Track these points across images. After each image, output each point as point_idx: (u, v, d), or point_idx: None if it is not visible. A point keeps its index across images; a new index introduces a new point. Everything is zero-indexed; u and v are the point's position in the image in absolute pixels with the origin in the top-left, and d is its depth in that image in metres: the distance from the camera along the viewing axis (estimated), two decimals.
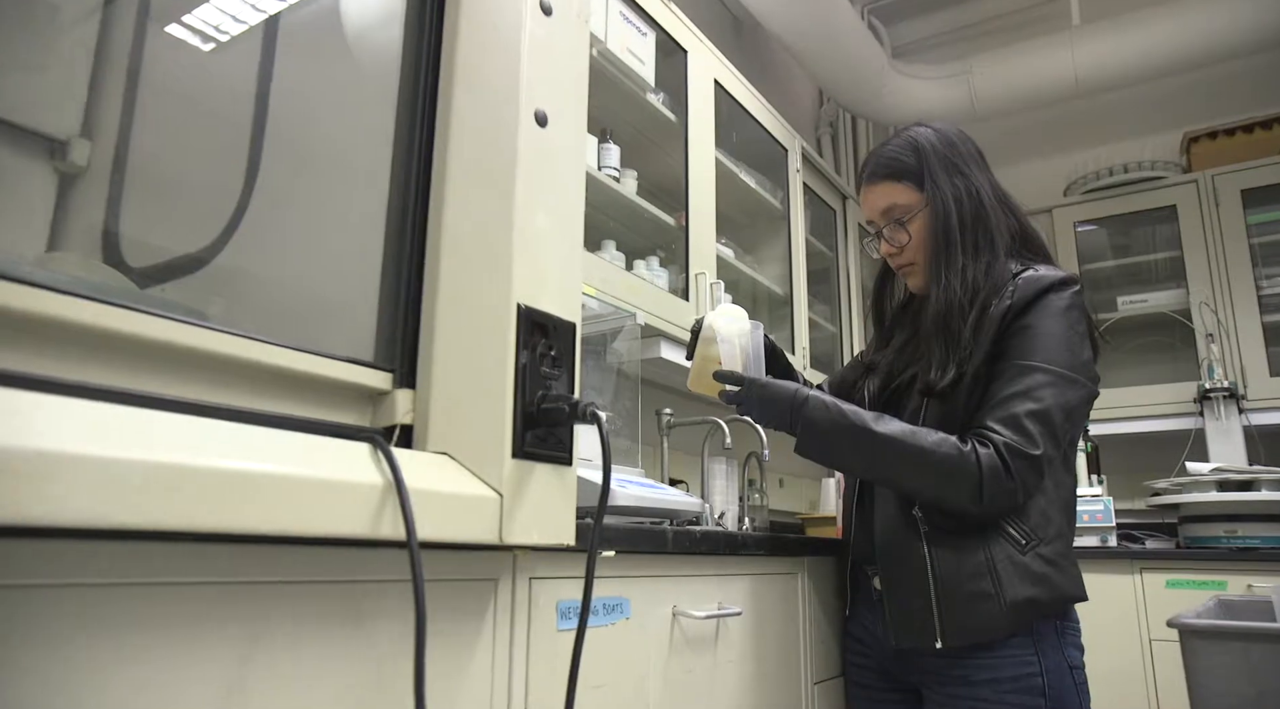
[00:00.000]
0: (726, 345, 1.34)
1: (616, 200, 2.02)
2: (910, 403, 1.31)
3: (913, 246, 1.35)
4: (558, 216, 0.84)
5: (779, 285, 2.73)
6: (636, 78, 2.03)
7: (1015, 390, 1.18)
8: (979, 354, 1.23)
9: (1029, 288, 1.23)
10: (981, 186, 1.34)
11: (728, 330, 1.35)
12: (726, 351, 1.33)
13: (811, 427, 1.21)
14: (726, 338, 1.34)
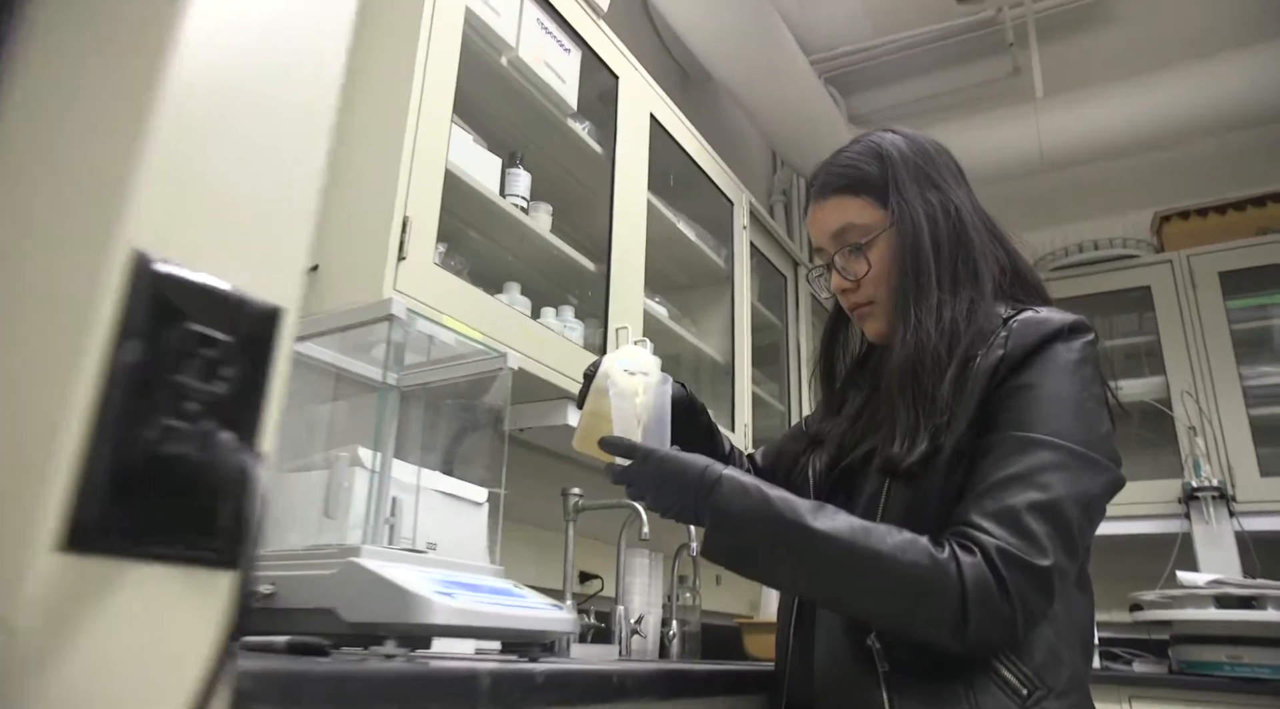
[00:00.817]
0: (620, 401, 0.99)
1: (523, 235, 1.69)
2: (866, 487, 0.96)
3: (873, 279, 1.03)
4: (271, 149, 0.50)
5: (721, 354, 2.40)
6: (555, 97, 1.74)
7: (1012, 473, 0.84)
8: (961, 420, 0.89)
9: (1028, 334, 0.91)
10: (962, 205, 1.03)
11: (624, 382, 1.00)
12: (619, 409, 0.98)
13: (723, 519, 0.86)
14: (622, 390, 0.99)
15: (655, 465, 0.91)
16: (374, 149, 1.37)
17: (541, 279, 1.83)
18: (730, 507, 0.86)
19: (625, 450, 0.94)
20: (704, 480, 0.88)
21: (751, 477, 0.88)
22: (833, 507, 0.86)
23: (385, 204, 1.28)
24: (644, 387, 1.00)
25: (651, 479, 0.91)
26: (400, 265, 1.26)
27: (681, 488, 0.89)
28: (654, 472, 0.91)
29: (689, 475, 0.89)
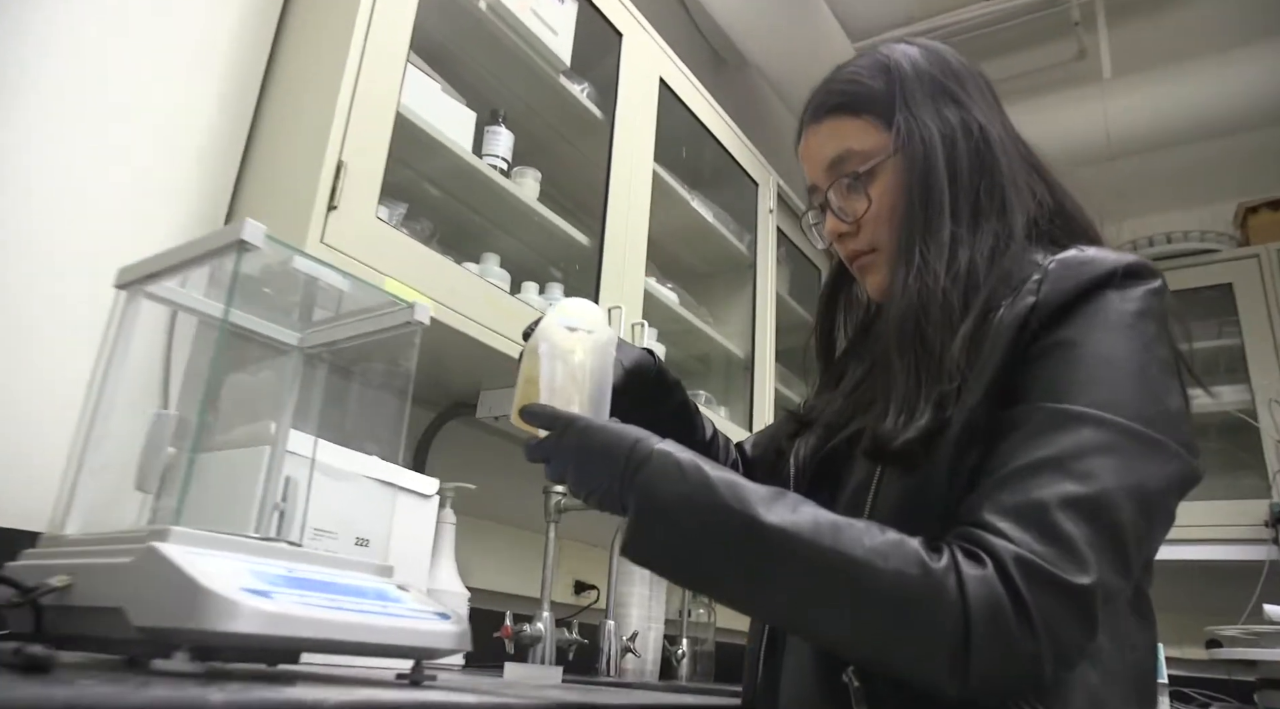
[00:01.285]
0: (552, 362, 0.80)
1: (504, 201, 1.51)
2: (853, 475, 0.75)
3: (874, 219, 0.81)
4: None
5: (741, 348, 2.18)
6: (545, 51, 1.56)
7: (1042, 456, 0.61)
8: (976, 388, 0.67)
9: (1069, 277, 0.68)
10: (989, 124, 0.81)
11: (560, 339, 0.81)
12: (550, 371, 0.79)
13: (650, 507, 0.65)
14: (555, 349, 0.80)
15: (576, 437, 0.71)
16: (311, 84, 1.20)
17: (527, 252, 1.64)
18: (659, 491, 0.65)
19: (545, 419, 0.74)
20: (632, 457, 0.68)
21: (695, 454, 0.67)
22: (797, 496, 0.64)
23: (316, 145, 1.11)
24: (585, 346, 0.81)
25: (571, 454, 0.71)
26: (331, 216, 1.09)
27: (606, 465, 0.69)
28: (574, 444, 0.71)
29: (615, 449, 0.69)
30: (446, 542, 1.44)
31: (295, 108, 1.21)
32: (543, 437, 0.74)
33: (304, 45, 1.25)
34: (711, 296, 2.31)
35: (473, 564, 1.64)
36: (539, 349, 0.81)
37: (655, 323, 1.91)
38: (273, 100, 1.26)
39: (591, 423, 0.72)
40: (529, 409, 0.76)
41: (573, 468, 0.71)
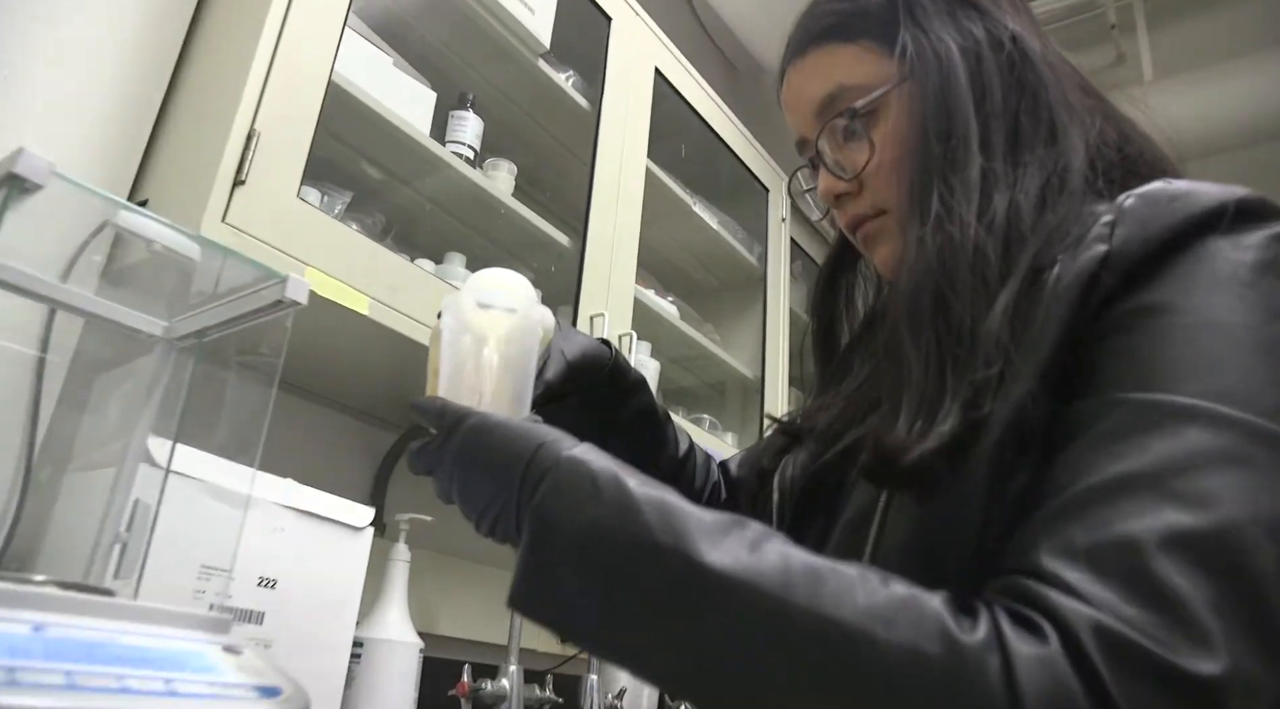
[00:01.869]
0: (456, 348, 0.61)
1: (469, 193, 1.33)
2: (852, 501, 0.54)
3: (880, 170, 0.62)
4: None
5: (749, 367, 1.98)
6: (519, 30, 1.39)
7: (1131, 471, 0.41)
8: (1024, 375, 0.47)
9: (1160, 215, 0.48)
10: (1025, 36, 0.61)
11: (471, 318, 0.63)
12: (453, 356, 0.61)
13: (546, 535, 0.46)
14: (461, 330, 0.62)
15: (464, 439, 0.52)
16: (228, 45, 1.04)
17: (498, 252, 1.46)
18: (560, 515, 0.46)
19: (432, 416, 0.56)
20: (533, 466, 0.48)
21: (618, 464, 0.48)
22: (761, 528, 0.44)
23: (225, 110, 0.94)
24: (501, 328, 0.62)
25: (456, 461, 0.52)
26: (237, 192, 0.91)
27: (497, 476, 0.50)
28: (460, 448, 0.52)
29: (511, 456, 0.50)
30: (397, 582, 1.24)
31: (212, 72, 1.05)
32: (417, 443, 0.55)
33: (229, 5, 1.09)
34: (720, 313, 2.12)
35: (435, 607, 1.44)
36: (441, 329, 0.63)
37: (652, 337, 1.72)
38: (192, 64, 1.10)
39: (486, 420, 0.53)
40: (416, 403, 0.57)
41: (458, 480, 0.52)
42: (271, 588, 0.94)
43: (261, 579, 0.93)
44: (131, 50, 1.06)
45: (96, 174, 1.01)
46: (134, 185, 1.04)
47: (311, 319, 1.03)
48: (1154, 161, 0.59)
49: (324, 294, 0.98)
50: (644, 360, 1.64)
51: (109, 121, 1.03)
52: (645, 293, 1.65)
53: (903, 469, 0.47)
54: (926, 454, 0.46)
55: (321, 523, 1.00)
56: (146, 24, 1.08)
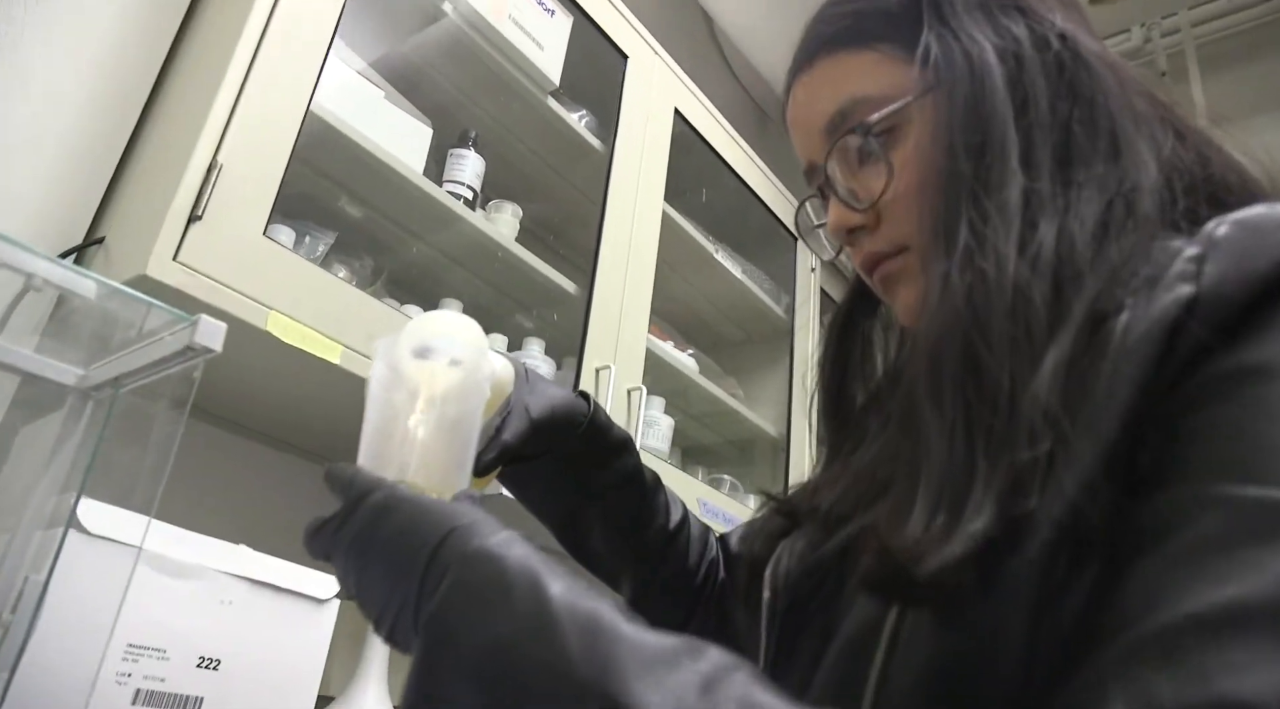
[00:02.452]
0: (384, 406, 0.52)
1: (466, 236, 1.24)
2: (854, 612, 0.42)
3: (901, 198, 0.51)
4: None
5: (774, 425, 1.85)
6: (527, 66, 1.32)
7: (1235, 601, 0.28)
8: (1084, 457, 0.35)
9: (1264, 250, 0.35)
10: (1077, 36, 0.50)
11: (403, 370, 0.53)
12: (379, 416, 0.51)
13: (438, 652, 0.35)
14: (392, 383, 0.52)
15: (367, 517, 0.42)
16: (198, 75, 0.98)
17: (499, 298, 1.37)
18: (459, 628, 0.35)
19: (340, 486, 0.45)
20: (437, 559, 0.38)
21: (542, 561, 0.37)
22: (720, 657, 0.33)
23: (186, 140, 0.87)
24: (441, 384, 0.52)
25: (353, 546, 0.42)
26: (193, 228, 0.83)
27: (399, 570, 0.39)
28: (361, 531, 0.42)
29: (416, 543, 0.39)
30: (376, 656, 1.13)
31: (180, 103, 0.98)
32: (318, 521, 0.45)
33: (205, 37, 1.03)
34: (745, 367, 2.00)
35: None
36: (370, 382, 0.53)
37: (669, 392, 1.61)
38: (165, 95, 1.04)
39: (393, 496, 0.42)
40: (328, 471, 0.47)
41: (353, 571, 0.42)
42: (214, 669, 0.83)
43: (203, 659, 0.82)
44: (98, 82, 1.00)
45: (53, 210, 0.94)
46: (94, 222, 0.97)
47: (279, 366, 0.95)
48: (1241, 186, 0.47)
49: (289, 341, 0.89)
50: (655, 417, 1.53)
51: (69, 157, 0.96)
52: (662, 345, 1.55)
53: (916, 581, 0.35)
54: (950, 562, 0.34)
55: (278, 595, 0.89)
56: (118, 56, 1.02)
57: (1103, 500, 0.34)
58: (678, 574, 0.70)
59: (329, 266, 1.11)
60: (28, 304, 0.64)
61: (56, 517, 0.63)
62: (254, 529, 0.95)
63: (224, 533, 0.84)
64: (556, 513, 0.67)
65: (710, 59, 2.62)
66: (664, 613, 0.70)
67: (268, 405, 1.08)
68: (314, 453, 1.23)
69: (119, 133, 1.00)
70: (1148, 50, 3.00)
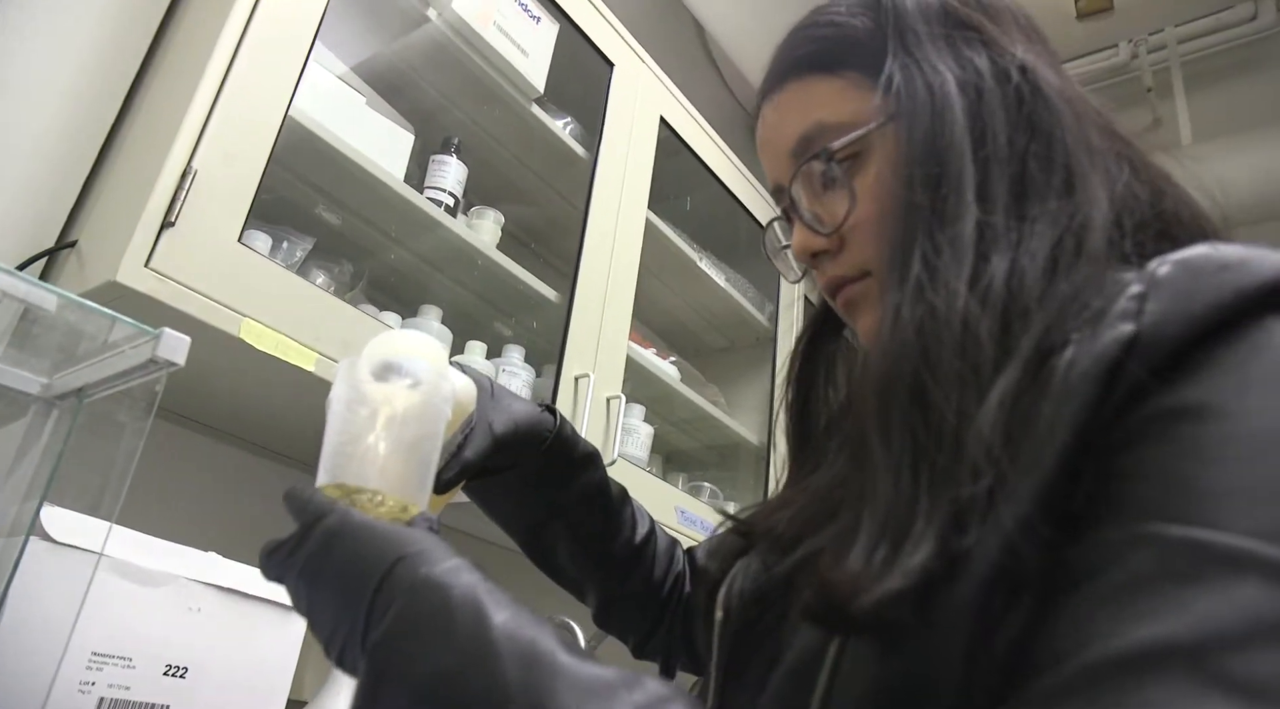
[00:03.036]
0: (344, 424, 0.52)
1: (447, 243, 1.24)
2: (798, 638, 0.43)
3: (863, 224, 0.52)
4: None
5: (755, 433, 1.86)
6: (511, 73, 1.32)
7: (1160, 640, 0.29)
8: (1023, 495, 0.35)
9: (1203, 290, 0.36)
10: (1037, 68, 0.51)
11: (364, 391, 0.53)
12: (335, 439, 0.51)
13: (379, 683, 0.36)
14: (352, 403, 0.52)
15: (319, 541, 0.42)
16: (174, 79, 0.97)
17: (479, 306, 1.37)
18: (400, 659, 0.36)
19: (296, 508, 0.45)
20: (384, 589, 0.38)
21: (489, 590, 0.37)
22: (659, 688, 0.33)
23: (160, 145, 0.87)
24: (400, 403, 0.52)
25: (305, 571, 0.42)
26: (165, 234, 0.83)
27: (347, 597, 0.40)
28: (312, 555, 0.42)
29: (365, 570, 0.40)
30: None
31: (157, 107, 0.98)
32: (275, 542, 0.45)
33: (183, 39, 1.03)
34: (727, 374, 2.01)
35: None
36: (330, 401, 0.53)
37: (650, 400, 1.62)
38: (142, 98, 1.04)
39: (347, 520, 0.43)
40: (287, 493, 0.48)
41: (304, 596, 0.42)
42: (181, 677, 0.83)
43: (170, 667, 0.82)
44: (73, 85, 1.00)
45: (25, 213, 0.94)
46: (67, 225, 0.97)
47: (253, 372, 0.95)
48: (1193, 221, 0.48)
49: (263, 348, 0.89)
50: (634, 424, 1.53)
51: (45, 158, 0.96)
52: (644, 353, 1.55)
53: (857, 615, 0.35)
54: (887, 597, 0.35)
55: (247, 601, 0.89)
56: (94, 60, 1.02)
57: (1038, 537, 0.34)
58: (644, 587, 0.70)
59: (307, 272, 1.11)
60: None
61: (18, 524, 0.63)
62: (227, 535, 0.95)
63: (197, 539, 0.84)
64: (522, 526, 0.68)
65: (700, 65, 2.62)
66: (630, 625, 0.70)
67: (242, 411, 1.08)
68: (289, 458, 1.23)
69: (94, 135, 1.00)
70: (1134, 66, 3.03)
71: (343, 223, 1.19)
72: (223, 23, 0.92)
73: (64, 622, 0.72)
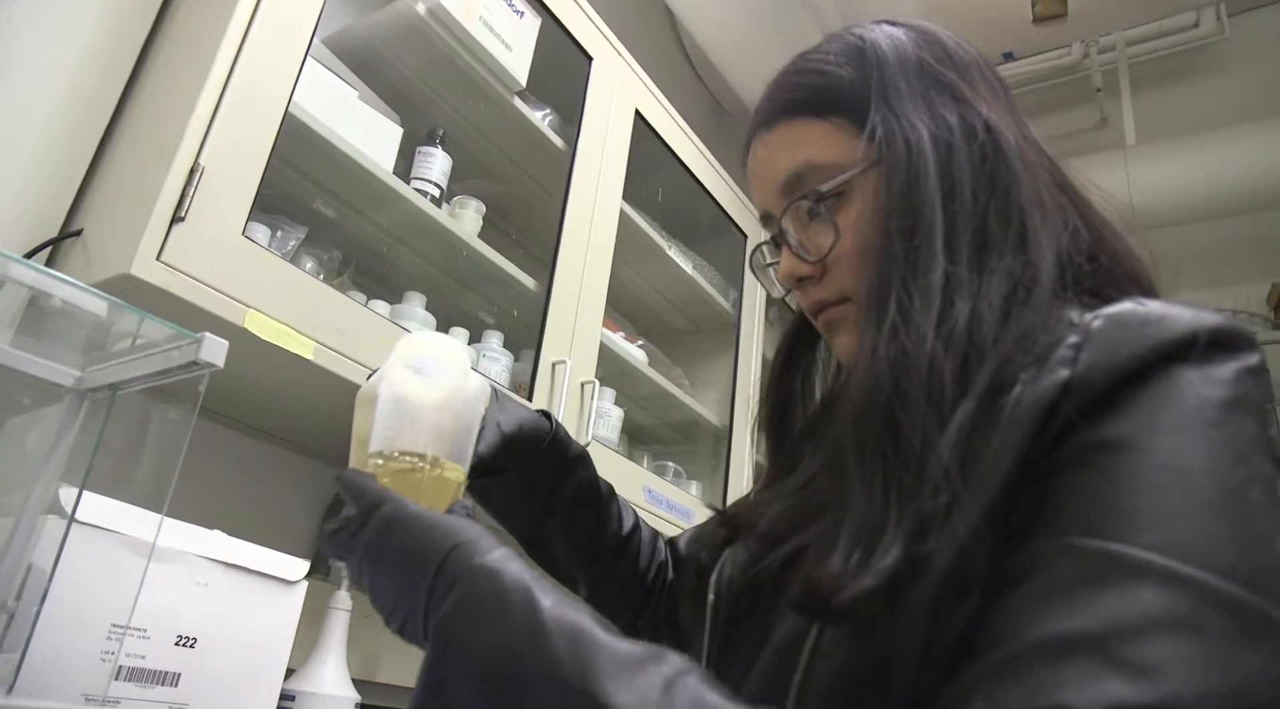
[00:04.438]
0: (391, 419, 0.57)
1: (432, 232, 1.29)
2: (784, 622, 0.50)
3: (845, 257, 0.59)
4: None
5: (718, 415, 1.94)
6: (495, 67, 1.36)
7: (1075, 631, 0.37)
8: (972, 510, 0.43)
9: (1127, 341, 0.44)
10: (1001, 127, 0.58)
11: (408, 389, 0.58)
12: (383, 433, 0.57)
13: (446, 654, 0.43)
14: (396, 399, 0.57)
15: (378, 529, 0.48)
16: (178, 75, 1.00)
17: (462, 293, 1.42)
18: (464, 634, 0.42)
19: (353, 494, 0.51)
20: (444, 572, 0.45)
21: (534, 578, 0.44)
22: (679, 662, 0.40)
23: (168, 142, 0.90)
24: (438, 397, 0.58)
25: (367, 554, 0.48)
26: (175, 229, 0.87)
27: (407, 577, 0.46)
28: (373, 541, 0.48)
29: (423, 556, 0.46)
30: (336, 632, 1.19)
31: (160, 101, 1.01)
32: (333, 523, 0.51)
33: (183, 31, 1.05)
34: (691, 357, 2.08)
35: (378, 653, 1.38)
36: (377, 396, 0.58)
37: (620, 384, 1.68)
38: (142, 90, 1.06)
39: (402, 511, 0.49)
40: (341, 478, 0.53)
41: (366, 575, 0.48)
42: (191, 647, 0.88)
43: (180, 638, 0.88)
44: (75, 74, 1.02)
45: (29, 202, 0.96)
46: (70, 214, 0.99)
47: (254, 360, 0.99)
48: (1128, 271, 0.56)
49: (265, 337, 0.94)
50: (606, 408, 1.60)
51: (46, 148, 0.98)
52: (613, 337, 1.62)
53: (836, 607, 0.43)
54: (862, 594, 0.42)
55: (250, 576, 0.95)
56: (94, 48, 1.03)
57: (985, 545, 0.42)
58: (630, 576, 0.77)
59: (298, 259, 1.15)
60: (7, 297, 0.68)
61: (55, 507, 0.68)
62: (227, 514, 1.00)
63: (198, 518, 0.89)
64: (521, 524, 0.74)
65: (671, 54, 2.67)
66: (617, 611, 0.78)
67: (240, 395, 1.12)
68: (285, 441, 1.28)
69: (95, 125, 1.02)
70: (1085, 66, 3.15)
71: (333, 212, 1.23)
72: (228, 17, 0.95)
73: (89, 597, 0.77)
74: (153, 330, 0.67)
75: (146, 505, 0.80)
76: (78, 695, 0.76)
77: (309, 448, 1.31)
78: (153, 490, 0.71)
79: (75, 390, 0.69)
